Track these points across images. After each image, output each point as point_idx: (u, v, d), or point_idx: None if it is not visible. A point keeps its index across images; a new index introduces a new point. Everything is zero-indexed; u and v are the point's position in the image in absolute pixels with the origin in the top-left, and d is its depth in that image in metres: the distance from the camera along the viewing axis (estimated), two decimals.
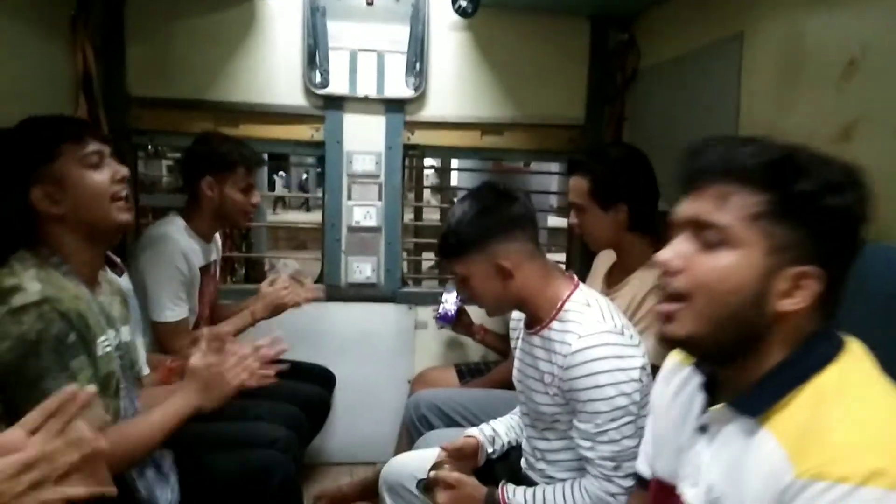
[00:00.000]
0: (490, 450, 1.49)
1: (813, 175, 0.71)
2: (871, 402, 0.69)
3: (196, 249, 1.87)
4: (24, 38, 1.72)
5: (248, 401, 1.63)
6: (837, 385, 0.71)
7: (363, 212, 2.41)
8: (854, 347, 0.76)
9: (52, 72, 1.88)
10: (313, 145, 2.40)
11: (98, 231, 1.21)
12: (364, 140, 2.37)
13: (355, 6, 2.30)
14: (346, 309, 2.43)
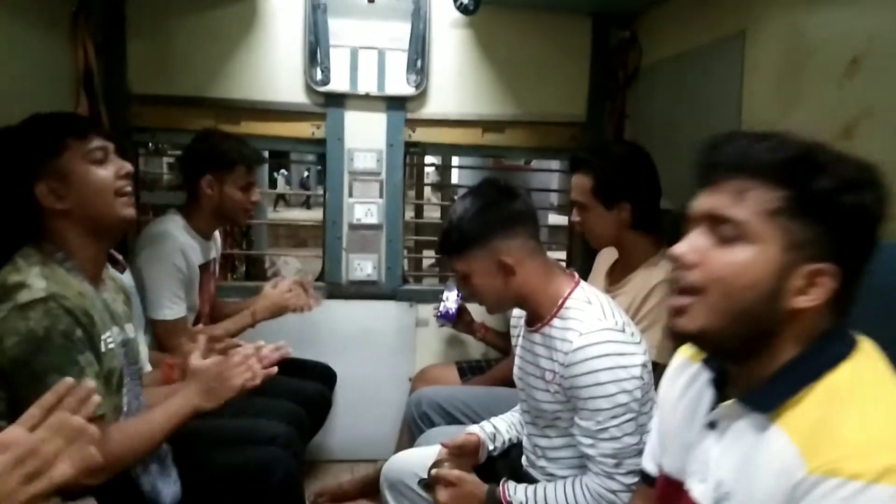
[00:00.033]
0: (491, 447, 1.49)
1: (832, 172, 0.71)
2: (885, 401, 0.69)
3: (195, 247, 1.87)
4: (24, 34, 1.72)
5: (248, 397, 1.63)
6: (850, 383, 0.71)
7: (364, 209, 2.40)
8: (866, 346, 0.75)
9: (52, 68, 1.88)
10: (314, 142, 2.40)
11: (103, 226, 1.21)
12: (365, 137, 2.37)
13: (356, 3, 2.30)
14: (347, 306, 2.43)
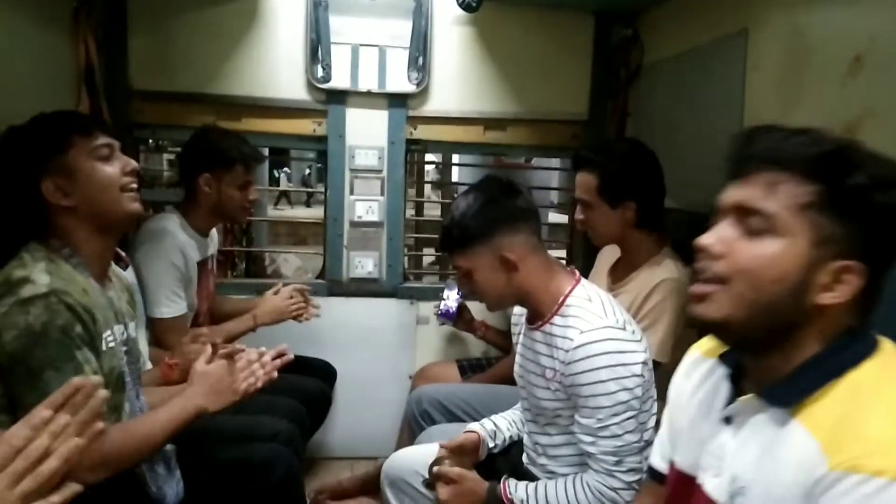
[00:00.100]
0: (491, 444, 1.49)
1: (866, 170, 0.71)
2: None
3: (193, 244, 1.86)
4: (26, 29, 1.71)
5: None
6: (874, 381, 0.70)
7: (365, 207, 2.40)
8: (888, 346, 0.75)
9: (53, 64, 1.87)
10: (315, 140, 2.39)
11: (109, 221, 1.22)
12: (366, 135, 2.37)
13: (357, 0, 2.29)
14: (348, 304, 2.43)
